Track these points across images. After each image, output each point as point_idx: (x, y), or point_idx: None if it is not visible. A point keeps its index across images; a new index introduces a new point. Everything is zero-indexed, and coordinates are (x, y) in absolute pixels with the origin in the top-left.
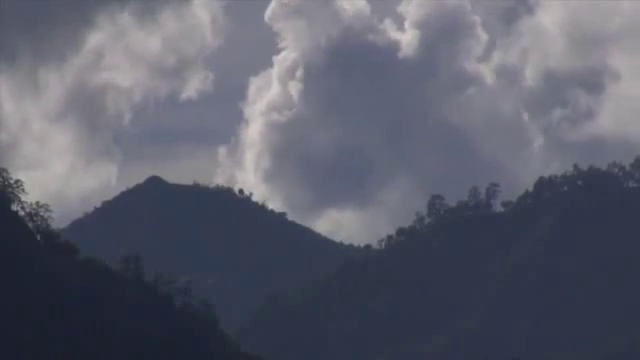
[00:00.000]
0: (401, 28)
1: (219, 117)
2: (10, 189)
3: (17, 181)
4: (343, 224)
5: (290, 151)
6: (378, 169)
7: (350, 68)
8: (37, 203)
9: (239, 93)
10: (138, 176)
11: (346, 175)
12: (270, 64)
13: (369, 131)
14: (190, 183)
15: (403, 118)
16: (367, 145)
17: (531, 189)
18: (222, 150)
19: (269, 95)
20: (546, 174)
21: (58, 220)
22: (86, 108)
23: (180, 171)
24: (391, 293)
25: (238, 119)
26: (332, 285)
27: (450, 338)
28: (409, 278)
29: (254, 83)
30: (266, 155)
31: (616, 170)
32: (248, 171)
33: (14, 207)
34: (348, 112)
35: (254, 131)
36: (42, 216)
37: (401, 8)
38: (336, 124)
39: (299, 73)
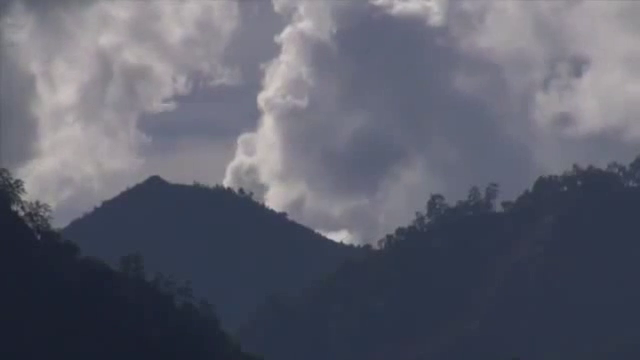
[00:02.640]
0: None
1: (220, 113)
2: (10, 189)
3: (17, 181)
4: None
5: (295, 147)
6: (384, 166)
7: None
8: (37, 203)
9: (240, 87)
10: (140, 175)
11: (352, 170)
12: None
13: (378, 127)
14: (190, 183)
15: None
16: (375, 142)
17: (531, 189)
18: (224, 147)
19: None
20: (546, 174)
21: (58, 220)
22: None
23: (182, 169)
24: (391, 293)
25: (242, 113)
26: (332, 285)
27: (450, 338)
28: (409, 278)
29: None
30: (274, 152)
31: (616, 170)
32: (251, 168)
33: (14, 207)
34: (354, 107)
35: (258, 125)
36: (42, 216)
37: None
38: (344, 118)
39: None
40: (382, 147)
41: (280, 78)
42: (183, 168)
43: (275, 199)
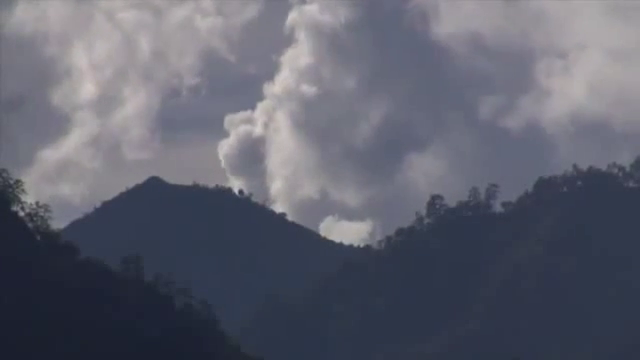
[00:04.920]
0: None
1: (218, 108)
2: (10, 189)
3: (17, 181)
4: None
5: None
6: (386, 165)
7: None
8: (37, 203)
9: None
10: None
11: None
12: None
13: (385, 121)
14: (190, 183)
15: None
16: (379, 137)
17: (531, 189)
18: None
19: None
20: (546, 174)
21: (58, 220)
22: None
23: (182, 168)
24: (391, 293)
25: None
26: (332, 285)
27: (450, 338)
28: (409, 278)
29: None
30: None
31: (616, 170)
32: (247, 168)
33: (14, 207)
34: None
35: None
36: (42, 216)
37: None
38: (351, 115)
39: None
40: (384, 143)
41: (287, 69)
42: (183, 167)
43: (279, 189)
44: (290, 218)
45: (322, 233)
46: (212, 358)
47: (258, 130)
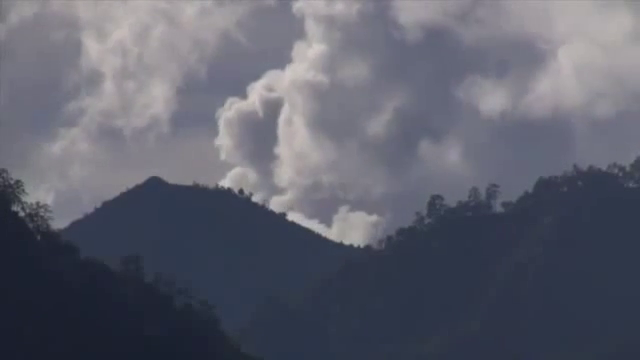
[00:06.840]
0: None
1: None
2: (10, 189)
3: (17, 182)
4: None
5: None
6: (386, 167)
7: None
8: (37, 203)
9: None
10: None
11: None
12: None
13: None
14: (190, 183)
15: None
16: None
17: (531, 189)
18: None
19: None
20: (546, 174)
21: (58, 220)
22: None
23: (182, 168)
24: (391, 293)
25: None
26: (332, 285)
27: (450, 338)
28: (409, 278)
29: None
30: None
31: (616, 170)
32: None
33: (14, 208)
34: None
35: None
36: (42, 216)
37: None
38: (354, 112)
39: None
40: (393, 135)
41: (298, 60)
42: (187, 165)
43: (287, 181)
44: (300, 211)
45: (335, 224)
46: (212, 358)
47: (265, 122)
